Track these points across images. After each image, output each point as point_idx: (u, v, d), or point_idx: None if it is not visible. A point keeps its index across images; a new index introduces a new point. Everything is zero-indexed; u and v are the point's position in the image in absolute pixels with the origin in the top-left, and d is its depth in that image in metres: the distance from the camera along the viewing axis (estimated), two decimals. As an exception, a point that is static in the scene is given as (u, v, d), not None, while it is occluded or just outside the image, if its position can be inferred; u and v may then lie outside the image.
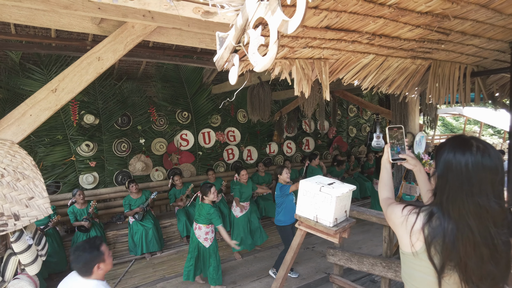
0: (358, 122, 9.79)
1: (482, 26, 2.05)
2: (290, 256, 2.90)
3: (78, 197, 5.24)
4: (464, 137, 1.23)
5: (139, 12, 2.61)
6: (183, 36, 3.09)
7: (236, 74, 1.57)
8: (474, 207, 1.15)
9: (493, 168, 1.14)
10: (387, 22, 1.73)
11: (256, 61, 1.35)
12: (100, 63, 2.64)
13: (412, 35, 1.94)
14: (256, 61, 1.35)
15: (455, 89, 2.63)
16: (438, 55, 2.38)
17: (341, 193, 2.29)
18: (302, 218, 2.57)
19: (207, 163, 7.30)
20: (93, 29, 2.75)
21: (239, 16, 1.49)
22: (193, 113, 7.00)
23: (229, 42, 1.60)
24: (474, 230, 1.15)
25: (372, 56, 2.09)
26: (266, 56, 1.30)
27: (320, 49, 1.84)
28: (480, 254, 1.15)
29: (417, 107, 4.99)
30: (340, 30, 1.71)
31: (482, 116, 12.64)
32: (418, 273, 1.31)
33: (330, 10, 1.51)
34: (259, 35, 1.35)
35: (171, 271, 5.26)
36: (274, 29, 1.23)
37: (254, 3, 1.35)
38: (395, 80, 2.48)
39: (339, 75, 2.16)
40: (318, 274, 4.97)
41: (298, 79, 1.91)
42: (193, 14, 2.10)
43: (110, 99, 6.17)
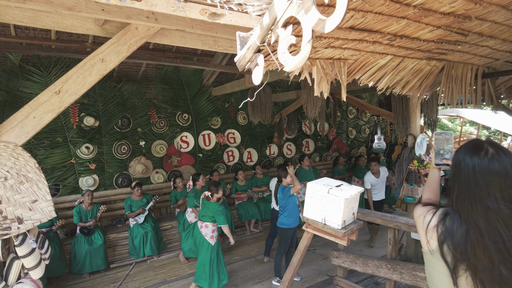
0: (357, 124, 9.83)
1: (499, 27, 2.06)
2: (297, 259, 2.88)
3: (86, 197, 5.19)
4: (477, 141, 1.25)
5: (143, 14, 2.58)
6: (186, 38, 3.06)
7: (261, 74, 1.55)
8: (482, 210, 1.16)
9: (502, 173, 1.14)
10: (409, 23, 1.72)
11: (286, 61, 1.33)
12: (103, 64, 2.60)
13: (432, 36, 1.94)
14: (286, 61, 1.33)
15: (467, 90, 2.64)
16: (452, 56, 2.39)
17: (350, 195, 2.28)
18: (309, 220, 2.56)
19: (207, 165, 7.25)
20: (96, 30, 2.71)
21: (265, 15, 1.46)
22: (193, 115, 6.95)
23: (253, 42, 1.57)
24: (484, 233, 1.15)
25: (389, 57, 2.08)
26: (298, 55, 1.28)
27: (341, 50, 1.82)
28: (490, 257, 1.14)
29: (419, 109, 5.02)
30: (363, 31, 1.69)
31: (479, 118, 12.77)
32: (436, 272, 1.32)
33: (357, 10, 1.50)
34: (290, 34, 1.33)
35: (172, 274, 5.21)
36: (308, 28, 1.21)
37: (284, 2, 1.33)
38: (409, 82, 2.48)
39: (356, 75, 2.15)
40: (320, 277, 4.96)
41: (319, 79, 1.89)
42: (200, 16, 2.08)
43: (110, 101, 6.11)
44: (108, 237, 5.67)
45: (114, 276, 5.25)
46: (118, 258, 5.76)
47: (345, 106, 9.30)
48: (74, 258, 5.09)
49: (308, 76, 1.88)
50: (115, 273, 5.34)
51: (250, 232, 6.86)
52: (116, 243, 5.80)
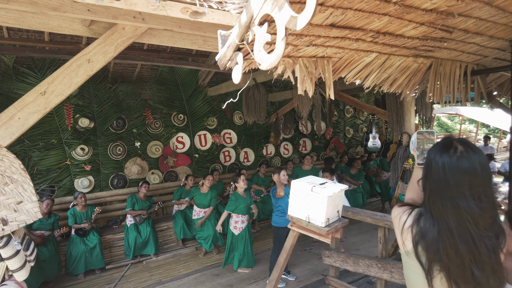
0: (355, 123, 9.81)
1: (485, 24, 2.04)
2: (283, 258, 2.86)
3: (80, 200, 5.17)
4: (447, 140, 1.24)
5: (130, 14, 2.56)
6: (175, 38, 3.05)
7: (240, 73, 1.54)
8: (453, 209, 1.15)
9: (471, 170, 1.13)
10: (392, 20, 1.71)
11: (262, 59, 1.32)
12: (90, 65, 2.59)
13: (416, 33, 1.92)
14: (262, 59, 1.32)
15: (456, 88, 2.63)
16: (439, 53, 2.37)
17: (333, 193, 2.26)
18: (294, 218, 2.54)
19: (204, 165, 7.24)
20: (83, 31, 2.70)
21: (243, 13, 1.45)
22: (189, 116, 6.94)
23: (232, 40, 1.56)
24: (454, 233, 1.14)
25: (375, 55, 2.07)
26: (273, 54, 1.26)
27: (324, 48, 1.81)
28: (461, 258, 1.14)
29: (413, 107, 5.00)
30: (345, 28, 1.68)
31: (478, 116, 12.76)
32: (412, 273, 1.32)
33: (336, 7, 1.48)
34: (265, 32, 1.31)
35: (167, 275, 5.20)
36: (281, 26, 1.20)
37: (260, 0, 1.32)
38: (397, 79, 2.47)
39: (341, 74, 2.14)
40: (315, 276, 4.95)
41: (302, 78, 1.88)
42: (181, 15, 2.07)
43: (105, 102, 6.10)
44: (104, 238, 5.67)
45: (109, 277, 5.24)
46: (114, 259, 5.75)
47: (342, 105, 9.28)
48: (69, 259, 5.08)
49: (291, 75, 1.86)
50: (110, 274, 5.33)
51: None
52: (112, 244, 5.79)
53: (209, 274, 5.18)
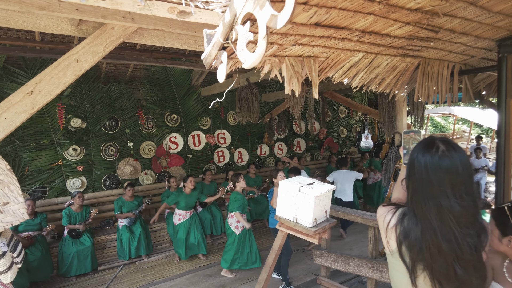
0: (348, 123, 9.83)
1: (470, 24, 2.06)
2: (271, 258, 2.86)
3: (77, 199, 5.13)
4: (430, 139, 1.24)
5: (119, 13, 2.55)
6: (165, 38, 3.04)
7: (225, 72, 1.53)
8: (435, 208, 1.15)
9: (452, 169, 1.14)
10: (377, 19, 1.71)
11: (245, 58, 1.31)
12: (78, 65, 2.57)
13: (402, 33, 1.93)
14: (244, 58, 1.32)
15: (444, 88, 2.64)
16: (427, 53, 2.38)
17: (320, 193, 2.25)
18: (282, 219, 2.53)
19: (198, 166, 7.22)
20: (71, 30, 2.68)
21: (226, 12, 1.45)
22: (182, 116, 6.92)
23: (217, 39, 1.56)
24: (437, 232, 1.15)
25: (362, 54, 2.08)
26: (255, 53, 1.26)
27: (310, 47, 1.81)
28: (444, 256, 1.14)
29: (405, 107, 5.02)
30: (330, 27, 1.68)
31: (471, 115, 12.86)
32: (397, 272, 1.32)
33: (320, 6, 1.48)
34: (248, 31, 1.31)
35: (160, 276, 5.18)
36: (263, 25, 1.20)
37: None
38: (385, 79, 2.48)
39: (329, 73, 2.14)
40: (308, 276, 4.96)
41: (288, 77, 1.88)
42: (169, 14, 2.06)
43: (97, 102, 6.07)
44: (97, 239, 5.63)
45: (101, 279, 5.21)
46: (106, 260, 5.72)
47: (336, 105, 9.30)
48: (61, 260, 5.04)
49: (278, 74, 1.87)
50: (103, 276, 5.31)
51: None
52: (104, 245, 5.76)
53: (202, 274, 5.17)
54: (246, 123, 7.40)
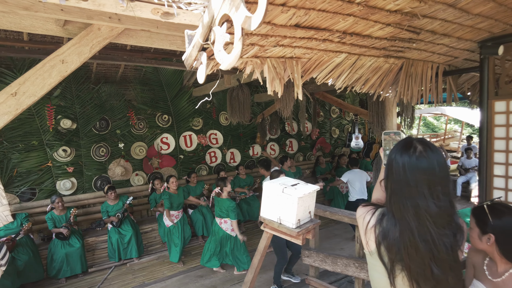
0: (340, 123, 9.88)
1: (451, 25, 2.08)
2: (257, 259, 2.85)
3: (57, 204, 5.08)
4: (407, 140, 1.25)
5: (105, 14, 2.53)
6: (153, 38, 3.03)
7: (204, 73, 1.54)
8: (413, 208, 1.16)
9: (429, 170, 1.15)
10: (357, 20, 1.73)
11: (222, 59, 1.32)
12: (64, 66, 2.55)
13: (383, 34, 1.95)
14: (222, 59, 1.32)
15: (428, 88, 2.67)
16: (410, 54, 2.41)
17: (303, 194, 2.26)
18: (266, 220, 2.53)
19: (189, 166, 7.20)
20: (57, 31, 2.66)
21: (205, 13, 1.46)
22: (173, 116, 6.90)
23: (197, 40, 1.56)
24: (415, 232, 1.16)
25: (344, 55, 2.09)
26: (231, 54, 1.27)
27: (291, 48, 1.82)
28: (421, 256, 1.15)
29: (395, 107, 5.05)
30: (310, 28, 1.70)
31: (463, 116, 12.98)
32: (376, 273, 1.32)
33: (298, 8, 1.49)
34: (225, 32, 1.32)
35: (151, 277, 5.16)
36: (238, 26, 1.21)
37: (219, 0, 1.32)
38: (369, 79, 2.50)
39: (312, 74, 2.16)
40: (299, 276, 4.96)
41: (271, 79, 1.89)
42: (152, 15, 2.06)
43: (87, 103, 6.03)
44: (87, 240, 5.59)
45: (92, 280, 5.17)
46: (97, 262, 5.68)
47: (328, 106, 9.34)
48: (51, 262, 5.00)
49: (259, 75, 1.87)
50: (93, 277, 5.27)
51: None
52: (95, 247, 5.72)
53: (193, 275, 5.16)
54: (238, 124, 7.41)
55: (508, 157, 2.45)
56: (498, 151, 2.50)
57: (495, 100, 2.45)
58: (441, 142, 13.76)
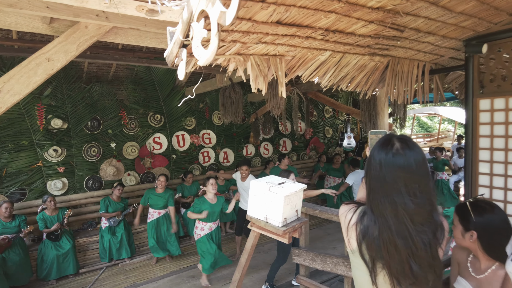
0: (334, 123, 9.90)
1: (435, 23, 2.09)
2: (244, 259, 2.84)
3: (49, 204, 5.02)
4: (387, 137, 1.25)
5: (92, 12, 2.51)
6: (142, 37, 3.01)
7: (184, 69, 1.53)
8: (390, 205, 1.16)
9: (406, 167, 1.14)
10: (339, 17, 1.73)
11: (199, 55, 1.32)
12: (50, 64, 2.52)
13: (367, 31, 1.96)
14: (199, 55, 1.32)
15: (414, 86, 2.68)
16: (396, 52, 2.41)
17: (289, 192, 2.25)
18: (253, 219, 2.51)
19: (182, 166, 7.18)
20: (43, 29, 2.64)
21: (184, 10, 1.45)
22: (166, 116, 6.88)
23: (177, 37, 1.56)
24: (393, 229, 1.16)
25: (329, 53, 2.09)
26: (208, 50, 1.27)
27: (274, 45, 1.82)
28: (400, 254, 1.15)
29: (386, 107, 5.07)
30: (292, 25, 1.69)
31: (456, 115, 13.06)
32: (358, 271, 1.32)
33: (279, 4, 1.49)
34: (202, 28, 1.31)
35: (143, 277, 5.13)
36: (214, 21, 1.21)
37: (197, -4, 1.32)
38: (355, 78, 2.50)
39: (297, 72, 2.15)
40: (290, 276, 4.96)
41: (254, 76, 1.88)
42: (137, 13, 2.05)
43: (79, 102, 5.98)
44: (78, 241, 5.55)
45: (83, 281, 5.13)
46: (88, 262, 5.65)
47: (322, 105, 9.36)
48: (41, 263, 4.95)
49: (242, 73, 1.87)
50: (84, 278, 5.23)
51: (226, 233, 6.82)
52: (86, 247, 5.69)
53: (185, 276, 5.14)
54: (232, 123, 7.39)
55: (493, 154, 2.47)
56: (483, 149, 2.51)
57: (480, 98, 2.47)
58: None
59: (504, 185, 2.44)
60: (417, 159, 1.16)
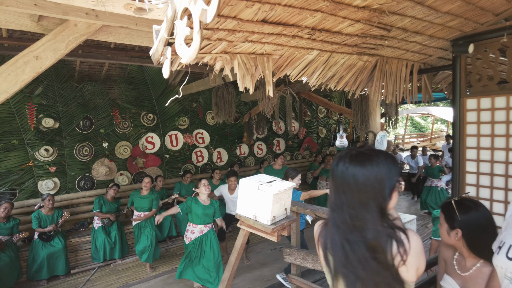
0: (327, 123, 9.93)
1: (422, 23, 2.11)
2: (234, 257, 2.84)
3: (47, 202, 4.96)
4: (348, 150, 1.27)
5: (82, 10, 2.50)
6: (133, 35, 2.99)
7: (169, 68, 1.53)
8: (337, 216, 1.20)
9: (344, 181, 1.18)
10: (325, 16, 1.74)
11: (182, 52, 1.31)
12: (38, 62, 2.50)
13: (354, 30, 1.96)
14: (182, 52, 1.32)
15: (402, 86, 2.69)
16: (384, 51, 2.43)
17: (278, 191, 2.25)
18: (242, 217, 2.51)
19: (175, 166, 7.16)
20: (32, 27, 2.61)
21: (169, 8, 1.45)
22: (159, 115, 6.85)
23: (162, 35, 1.55)
24: (336, 239, 1.19)
25: (316, 52, 2.10)
26: (191, 47, 1.26)
27: (261, 44, 1.82)
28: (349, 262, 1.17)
29: (378, 107, 5.10)
30: (278, 24, 1.70)
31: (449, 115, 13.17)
32: (329, 281, 1.34)
33: (263, 3, 1.49)
34: (185, 25, 1.31)
35: (135, 277, 5.11)
36: (196, 19, 1.20)
37: (181, -7, 1.31)
38: (343, 77, 2.51)
39: (285, 71, 2.16)
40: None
41: (241, 75, 1.88)
42: (125, 11, 2.04)
43: (71, 102, 5.94)
44: (70, 241, 5.51)
45: (74, 282, 5.09)
46: (80, 263, 5.60)
47: (315, 105, 9.38)
48: (31, 264, 4.89)
49: (229, 72, 1.87)
50: (75, 279, 5.19)
51: None
52: (78, 248, 5.64)
53: (178, 275, 5.12)
54: (225, 123, 7.39)
55: (479, 153, 2.49)
56: (470, 148, 2.54)
57: (467, 98, 2.50)
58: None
59: (490, 184, 2.47)
60: (356, 175, 1.17)
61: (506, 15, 2.31)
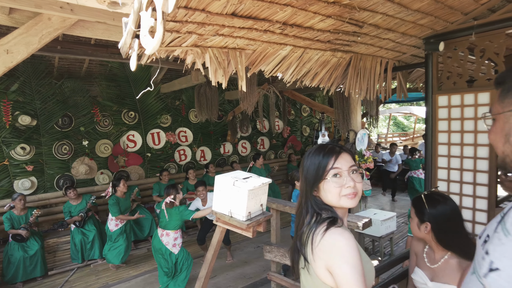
0: (311, 122, 10.01)
1: (393, 20, 2.14)
2: (210, 254, 2.83)
3: (18, 202, 4.81)
4: (318, 145, 1.28)
5: (56, 4, 2.44)
6: (111, 31, 2.94)
7: (135, 60, 1.51)
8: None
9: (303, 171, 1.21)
10: (296, 11, 1.74)
11: (147, 44, 1.30)
12: (9, 56, 2.43)
13: (325, 26, 1.98)
14: (146, 44, 1.30)
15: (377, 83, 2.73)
16: (357, 48, 2.46)
17: (253, 187, 2.26)
18: (218, 214, 2.50)
19: (157, 164, 7.08)
20: (2, 19, 2.54)
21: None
22: (140, 113, 6.76)
23: (129, 27, 1.53)
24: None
25: (290, 48, 2.11)
26: (154, 38, 1.25)
27: (232, 38, 1.82)
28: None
29: (359, 105, 5.16)
30: (249, 18, 1.69)
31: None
32: None
33: (231, -4, 1.49)
34: (150, 17, 1.30)
35: (115, 278, 5.02)
36: (159, 9, 1.19)
37: (145, -16, 1.30)
38: (318, 73, 2.53)
39: (259, 67, 2.16)
40: (266, 273, 4.96)
41: (213, 69, 1.87)
42: (98, 5, 2.00)
43: (49, 99, 5.81)
44: (48, 242, 5.39)
45: (51, 284, 4.97)
46: (58, 264, 5.47)
47: (299, 104, 9.44)
48: (7, 266, 4.75)
49: (200, 65, 1.86)
50: (53, 280, 5.06)
51: None
52: (56, 248, 5.52)
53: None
54: (209, 121, 7.34)
55: (450, 149, 2.56)
56: (441, 143, 2.60)
57: (438, 95, 2.55)
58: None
59: (459, 179, 2.53)
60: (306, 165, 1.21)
61: (474, 15, 2.38)
